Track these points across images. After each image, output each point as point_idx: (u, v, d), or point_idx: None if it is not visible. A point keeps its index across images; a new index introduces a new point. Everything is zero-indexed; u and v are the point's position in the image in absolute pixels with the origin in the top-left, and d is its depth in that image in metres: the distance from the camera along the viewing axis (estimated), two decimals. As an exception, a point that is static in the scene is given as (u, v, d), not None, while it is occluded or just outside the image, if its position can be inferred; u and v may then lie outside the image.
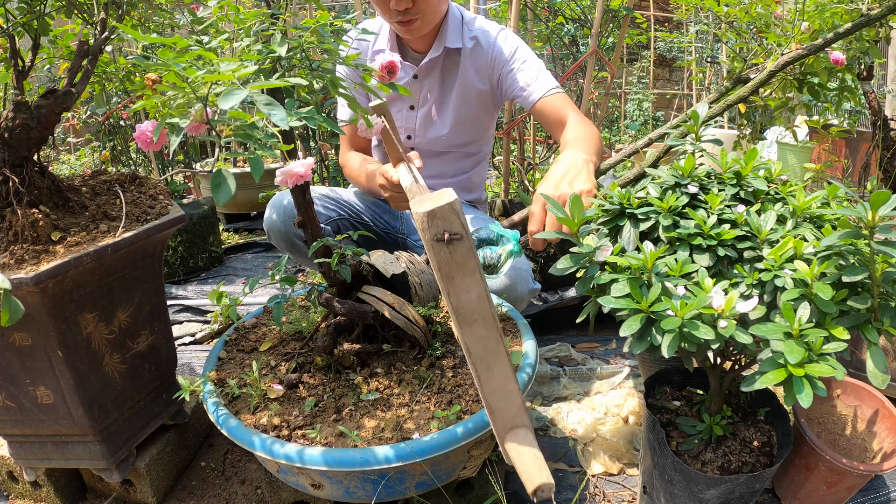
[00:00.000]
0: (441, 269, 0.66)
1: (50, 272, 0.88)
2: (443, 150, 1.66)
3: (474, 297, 0.68)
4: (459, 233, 0.64)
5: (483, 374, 0.71)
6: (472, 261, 0.67)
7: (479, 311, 0.68)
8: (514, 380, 0.72)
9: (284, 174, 0.77)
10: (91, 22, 1.07)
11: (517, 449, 0.73)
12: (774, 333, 0.72)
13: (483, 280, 0.68)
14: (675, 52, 6.19)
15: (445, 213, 0.64)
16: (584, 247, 0.87)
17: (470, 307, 0.68)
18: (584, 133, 1.32)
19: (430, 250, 0.66)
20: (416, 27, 1.43)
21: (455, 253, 0.65)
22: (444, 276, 0.67)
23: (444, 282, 0.67)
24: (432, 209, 0.63)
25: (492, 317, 0.69)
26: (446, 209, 0.64)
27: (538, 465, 0.70)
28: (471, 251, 0.66)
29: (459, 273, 0.66)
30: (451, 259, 0.66)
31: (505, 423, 0.73)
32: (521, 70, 1.50)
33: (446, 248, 0.65)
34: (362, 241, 1.61)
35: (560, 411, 1.51)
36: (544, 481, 0.69)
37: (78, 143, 4.11)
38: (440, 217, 0.64)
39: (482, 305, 0.68)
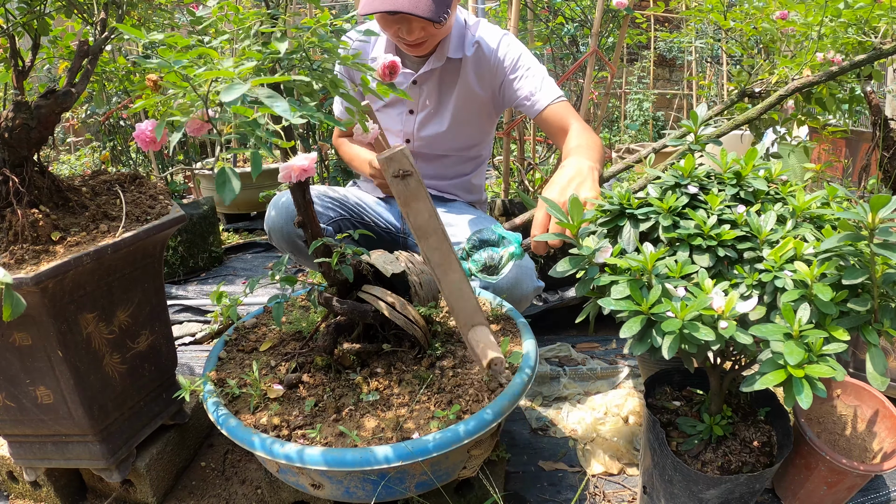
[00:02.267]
0: (400, 198, 0.87)
1: (50, 272, 0.88)
2: (442, 153, 1.66)
3: (426, 216, 0.88)
4: (409, 170, 0.85)
5: (442, 277, 0.91)
6: (422, 191, 0.87)
7: (432, 227, 0.89)
8: (467, 283, 0.92)
9: (288, 168, 0.77)
10: (91, 22, 1.07)
11: (475, 338, 0.93)
12: (774, 334, 0.72)
13: (432, 203, 0.88)
14: (676, 52, 6.19)
15: (398, 156, 0.85)
16: (583, 249, 0.87)
17: (424, 225, 0.88)
18: (588, 141, 1.33)
19: (391, 186, 0.86)
20: (424, 47, 1.43)
21: (409, 185, 0.86)
22: (403, 203, 0.87)
23: (404, 208, 0.87)
24: (389, 155, 0.85)
25: (443, 231, 0.90)
26: (399, 154, 0.85)
27: (492, 347, 0.92)
28: (420, 184, 0.87)
29: (413, 200, 0.87)
30: (406, 190, 0.86)
31: (465, 320, 0.94)
32: (524, 78, 1.49)
33: (402, 181, 0.86)
34: (362, 240, 1.61)
35: (560, 411, 1.51)
36: (497, 355, 0.91)
37: (78, 143, 4.11)
38: (395, 160, 0.85)
39: (433, 223, 0.89)
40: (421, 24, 1.34)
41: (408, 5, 1.25)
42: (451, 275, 0.91)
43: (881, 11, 1.35)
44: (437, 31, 1.38)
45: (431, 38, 1.40)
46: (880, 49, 1.38)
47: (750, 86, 1.66)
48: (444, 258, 0.90)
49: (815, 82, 1.39)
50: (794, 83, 1.39)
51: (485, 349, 0.91)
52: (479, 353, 0.91)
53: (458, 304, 0.92)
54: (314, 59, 0.86)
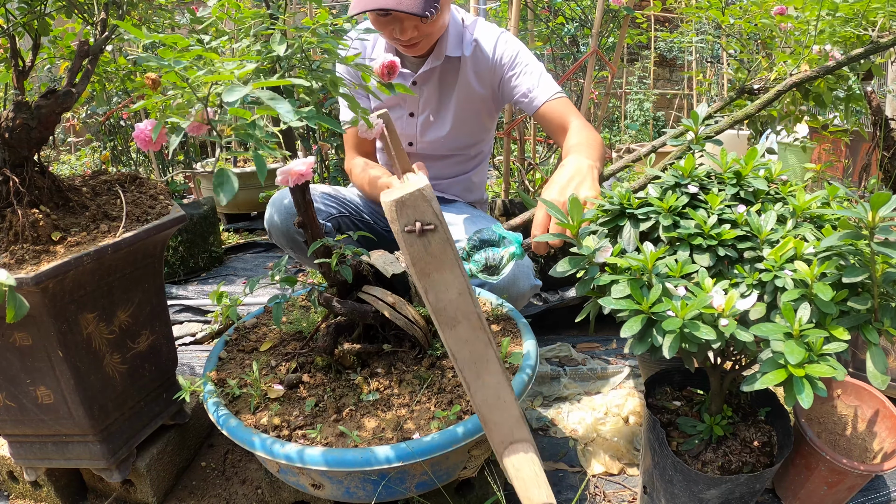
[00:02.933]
0: (415, 265, 0.59)
1: (50, 272, 0.88)
2: (444, 154, 1.65)
3: (454, 294, 0.60)
4: (433, 222, 0.58)
5: (472, 382, 0.63)
6: (450, 253, 0.59)
7: (462, 311, 0.61)
8: (507, 388, 0.64)
9: (285, 173, 0.78)
10: (91, 22, 1.07)
11: (516, 466, 0.67)
12: (775, 334, 0.72)
13: (464, 275, 0.61)
14: (676, 52, 6.19)
15: (415, 200, 0.57)
16: (583, 248, 0.87)
17: (451, 306, 0.60)
18: (588, 138, 1.32)
19: (401, 243, 0.59)
20: (419, 47, 1.43)
21: (429, 245, 0.58)
22: (419, 272, 0.59)
23: (420, 278, 0.59)
24: (400, 197, 0.56)
25: (477, 316, 0.61)
26: (416, 196, 0.57)
27: (538, 482, 0.65)
28: (447, 243, 0.59)
29: (436, 268, 0.59)
30: (425, 252, 0.58)
31: (502, 437, 0.67)
32: (523, 74, 1.49)
33: (419, 240, 0.58)
34: (362, 241, 1.61)
35: (560, 411, 1.51)
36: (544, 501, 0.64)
37: (78, 143, 4.11)
38: (410, 205, 0.57)
39: (464, 304, 0.60)
40: (413, 23, 1.34)
41: (392, 2, 1.25)
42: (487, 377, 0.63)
43: (878, 5, 1.35)
44: (430, 29, 1.37)
45: (426, 37, 1.39)
46: (877, 42, 1.37)
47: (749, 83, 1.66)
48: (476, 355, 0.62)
49: (813, 77, 1.39)
50: (792, 78, 1.39)
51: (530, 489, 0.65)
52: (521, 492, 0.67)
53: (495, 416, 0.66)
54: (314, 60, 0.86)
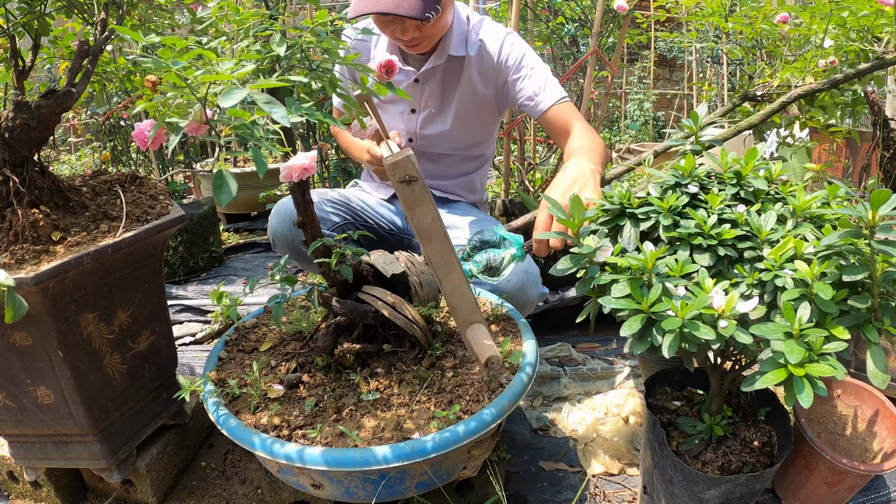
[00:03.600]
0: (405, 202, 0.89)
1: (50, 272, 0.88)
2: (445, 153, 1.65)
3: (429, 220, 0.91)
4: (415, 175, 0.88)
5: (443, 278, 0.94)
6: (427, 195, 0.89)
7: (435, 231, 0.91)
8: (466, 284, 0.96)
9: (289, 168, 0.77)
10: (91, 22, 1.07)
11: (473, 336, 0.95)
12: (775, 333, 0.72)
13: (435, 207, 0.90)
14: (676, 52, 6.19)
15: (405, 162, 0.87)
16: (584, 247, 0.87)
17: (427, 228, 0.91)
18: (590, 142, 1.33)
19: (397, 190, 0.89)
20: (421, 46, 1.43)
21: (414, 190, 0.89)
22: (407, 207, 0.89)
23: (408, 212, 0.90)
24: (395, 160, 0.88)
25: (445, 234, 0.92)
26: (405, 160, 0.88)
27: (490, 343, 0.93)
28: (424, 189, 0.89)
29: (418, 204, 0.89)
30: (411, 194, 0.89)
31: (464, 318, 0.97)
32: (528, 77, 1.48)
33: (407, 186, 0.88)
34: (363, 241, 1.61)
35: (560, 411, 1.51)
36: (493, 353, 0.92)
37: (78, 143, 4.12)
38: (401, 165, 0.87)
39: (436, 227, 0.91)
40: (414, 24, 1.34)
41: (391, 5, 1.25)
42: (452, 275, 0.94)
43: (884, 20, 1.36)
44: (432, 30, 1.37)
45: (427, 37, 1.39)
46: (883, 58, 1.39)
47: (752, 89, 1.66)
48: (445, 260, 0.93)
49: (819, 90, 1.40)
50: (798, 90, 1.40)
51: (482, 348, 0.93)
52: (477, 351, 0.94)
53: (458, 303, 0.95)
54: (313, 59, 0.86)
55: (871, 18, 1.36)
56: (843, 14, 1.36)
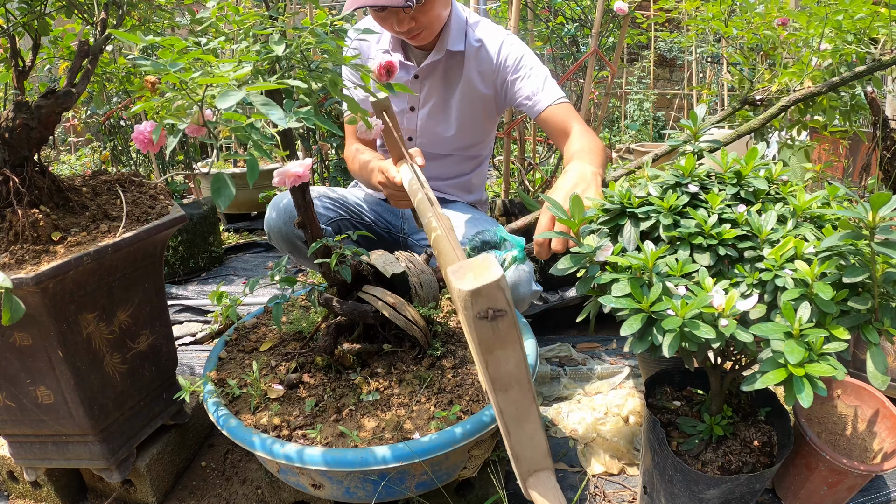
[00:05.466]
0: (482, 344, 0.64)
1: (50, 272, 0.88)
2: (444, 152, 1.65)
3: (512, 366, 0.66)
4: (504, 309, 0.61)
5: (513, 430, 0.71)
6: (514, 333, 0.64)
7: (516, 378, 0.67)
8: (541, 431, 0.72)
9: (282, 175, 0.77)
10: (91, 22, 1.07)
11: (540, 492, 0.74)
12: (775, 333, 0.72)
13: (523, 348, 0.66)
14: (676, 52, 6.19)
15: (491, 290, 0.60)
16: (584, 247, 0.87)
17: (507, 376, 0.67)
18: (590, 145, 1.33)
19: (471, 326, 0.63)
20: (421, 37, 1.43)
21: (498, 329, 0.62)
22: (484, 350, 0.65)
23: (484, 355, 0.65)
24: (477, 288, 0.59)
25: (527, 381, 0.68)
26: (492, 287, 0.60)
27: None
28: (514, 325, 0.63)
29: (500, 346, 0.64)
30: (493, 335, 0.63)
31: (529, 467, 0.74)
32: (527, 77, 1.49)
33: (489, 324, 0.62)
34: (362, 241, 1.61)
35: (560, 411, 1.51)
36: None
37: (78, 144, 4.12)
38: (485, 295, 0.60)
39: (519, 372, 0.67)
40: (408, 14, 1.34)
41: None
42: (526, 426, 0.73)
43: (881, 23, 1.37)
44: (426, 18, 1.37)
45: (425, 27, 1.40)
46: (880, 60, 1.40)
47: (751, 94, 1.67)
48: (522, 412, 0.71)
49: (817, 93, 1.41)
50: (796, 94, 1.41)
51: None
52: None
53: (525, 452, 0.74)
54: (313, 60, 0.86)
55: (867, 21, 1.36)
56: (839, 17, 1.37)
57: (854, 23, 1.38)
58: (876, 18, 1.36)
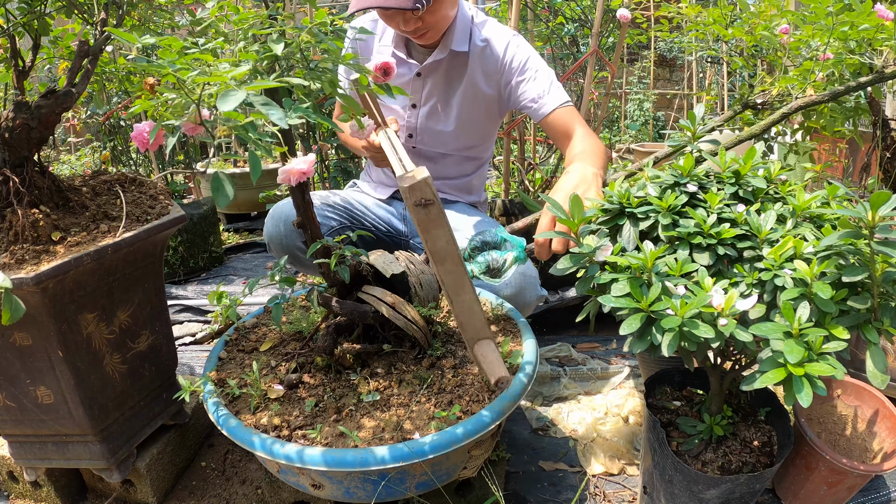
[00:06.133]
0: (420, 225, 0.88)
1: (50, 272, 0.88)
2: (445, 152, 1.65)
3: (444, 243, 0.90)
4: (431, 199, 0.87)
5: (454, 299, 0.94)
6: (442, 217, 0.88)
7: (448, 252, 0.91)
8: (477, 302, 0.95)
9: (287, 172, 0.77)
10: (91, 22, 1.07)
11: (482, 353, 0.96)
12: (774, 333, 0.72)
13: (450, 229, 0.89)
14: (676, 52, 6.19)
15: (421, 185, 0.86)
16: (584, 247, 0.87)
17: (441, 250, 0.90)
18: (592, 147, 1.33)
19: (412, 213, 0.87)
20: (427, 37, 1.43)
21: (430, 213, 0.87)
22: (422, 230, 0.88)
23: (423, 233, 0.89)
24: (412, 184, 0.85)
25: (458, 256, 0.92)
26: (422, 183, 0.86)
27: (499, 363, 0.94)
28: (440, 211, 0.87)
29: (433, 227, 0.88)
30: (427, 217, 0.87)
31: (473, 335, 0.96)
32: (532, 80, 1.48)
33: (423, 209, 0.87)
34: (362, 241, 1.61)
35: (560, 411, 1.51)
36: (503, 374, 0.93)
37: (78, 143, 4.12)
38: (417, 189, 0.86)
39: (450, 248, 0.91)
40: (415, 15, 1.34)
41: (378, 0, 1.25)
42: (463, 295, 0.94)
43: (884, 35, 1.37)
44: (433, 19, 1.37)
45: (431, 27, 1.39)
46: (883, 72, 1.41)
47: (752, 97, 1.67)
48: (457, 281, 0.93)
49: (819, 102, 1.41)
50: (798, 101, 1.41)
51: (492, 367, 0.93)
52: (486, 370, 0.94)
53: (468, 320, 0.95)
54: (312, 59, 0.86)
55: (872, 32, 1.37)
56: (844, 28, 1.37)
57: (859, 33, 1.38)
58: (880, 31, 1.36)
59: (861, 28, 1.35)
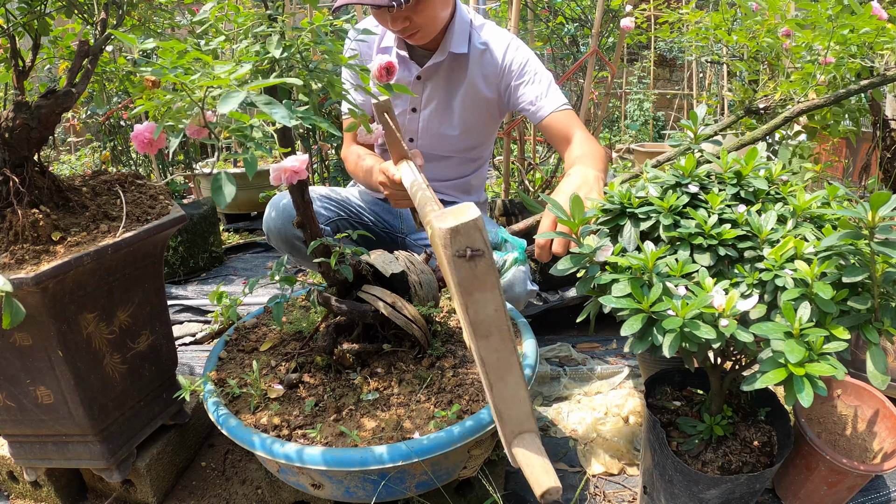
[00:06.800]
0: (461, 285, 0.65)
1: (50, 272, 0.88)
2: (445, 154, 1.65)
3: (492, 311, 0.67)
4: (482, 249, 0.63)
5: (496, 384, 0.71)
6: (493, 276, 0.65)
7: (496, 325, 0.68)
8: (524, 387, 0.72)
9: (278, 170, 0.77)
10: (91, 22, 1.07)
11: (525, 454, 0.73)
12: (775, 333, 0.72)
13: (501, 294, 0.67)
14: (676, 52, 6.19)
15: (469, 229, 0.62)
16: (584, 247, 0.87)
17: (487, 321, 0.67)
18: (592, 150, 1.33)
19: (450, 266, 0.64)
20: (417, 38, 1.43)
21: (476, 269, 0.64)
22: (463, 292, 0.65)
23: (463, 297, 0.66)
24: (455, 226, 0.61)
25: (507, 329, 0.68)
26: (470, 226, 0.62)
27: (545, 468, 0.71)
28: (491, 267, 0.65)
29: (479, 288, 0.65)
30: (471, 275, 0.64)
31: (513, 428, 0.74)
32: (531, 83, 1.48)
33: (468, 264, 0.63)
34: (361, 240, 1.61)
35: (560, 411, 1.51)
36: (552, 485, 0.69)
37: (78, 144, 4.12)
38: (463, 234, 0.62)
39: (499, 319, 0.67)
40: (403, 14, 1.33)
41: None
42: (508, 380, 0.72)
43: (885, 38, 1.38)
44: (420, 19, 1.36)
45: (420, 29, 1.39)
46: (885, 75, 1.41)
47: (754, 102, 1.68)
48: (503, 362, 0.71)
49: (821, 105, 1.42)
50: (800, 105, 1.42)
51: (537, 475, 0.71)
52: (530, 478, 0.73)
53: (510, 411, 0.74)
54: (312, 60, 0.86)
55: (873, 35, 1.37)
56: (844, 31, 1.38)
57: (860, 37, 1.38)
58: (881, 34, 1.36)
59: (862, 32, 1.36)
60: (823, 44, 1.42)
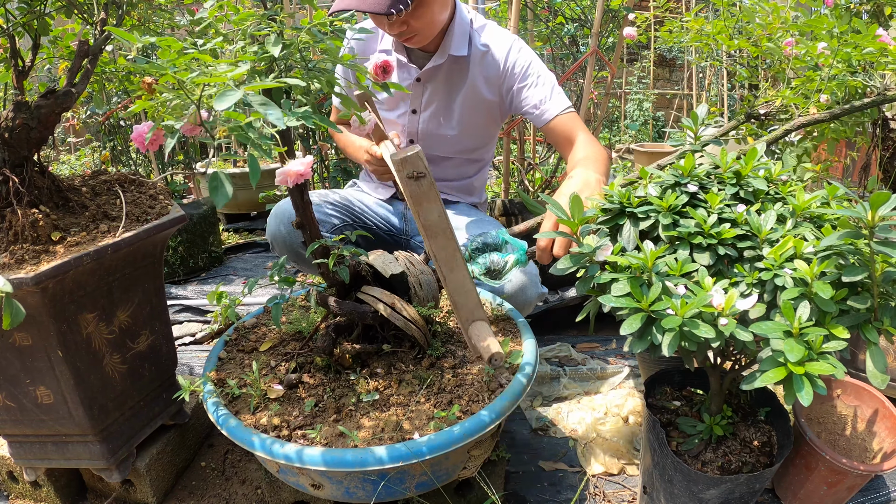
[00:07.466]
0: (413, 198, 0.88)
1: (50, 272, 0.88)
2: (446, 155, 1.65)
3: (436, 216, 0.90)
4: (423, 172, 0.87)
5: (447, 274, 0.94)
6: (434, 191, 0.89)
7: (441, 227, 0.91)
8: (470, 281, 0.96)
9: (284, 174, 0.77)
10: (91, 22, 1.07)
11: (477, 332, 0.96)
12: (774, 332, 0.72)
13: (441, 204, 0.90)
14: (676, 52, 6.19)
15: (413, 158, 0.86)
16: (584, 246, 0.87)
17: (434, 224, 0.91)
18: (595, 153, 1.33)
19: (404, 186, 0.88)
20: (415, 41, 1.42)
21: (421, 186, 0.88)
22: (414, 203, 0.89)
23: (415, 206, 0.89)
24: (404, 157, 0.86)
25: (450, 231, 0.91)
26: (414, 156, 0.86)
27: (493, 341, 0.94)
28: (432, 185, 0.88)
29: (425, 200, 0.89)
30: (418, 190, 0.88)
31: (467, 315, 0.97)
32: (534, 86, 1.48)
33: (415, 182, 0.87)
34: (362, 241, 1.61)
35: (560, 411, 1.51)
36: (497, 350, 0.92)
37: (78, 143, 4.12)
38: (410, 162, 0.86)
39: (442, 222, 0.91)
40: (401, 19, 1.33)
41: (354, 3, 1.24)
42: (456, 272, 0.94)
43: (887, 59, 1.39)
44: (418, 24, 1.35)
45: (418, 33, 1.38)
46: (885, 94, 1.43)
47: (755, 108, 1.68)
48: (449, 256, 0.93)
49: (820, 121, 1.43)
50: (800, 119, 1.44)
51: (486, 345, 0.93)
52: (480, 348, 0.93)
53: (461, 300, 0.95)
54: (311, 60, 0.86)
55: (875, 56, 1.39)
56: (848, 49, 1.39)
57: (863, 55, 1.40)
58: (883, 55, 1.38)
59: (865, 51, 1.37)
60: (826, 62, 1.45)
